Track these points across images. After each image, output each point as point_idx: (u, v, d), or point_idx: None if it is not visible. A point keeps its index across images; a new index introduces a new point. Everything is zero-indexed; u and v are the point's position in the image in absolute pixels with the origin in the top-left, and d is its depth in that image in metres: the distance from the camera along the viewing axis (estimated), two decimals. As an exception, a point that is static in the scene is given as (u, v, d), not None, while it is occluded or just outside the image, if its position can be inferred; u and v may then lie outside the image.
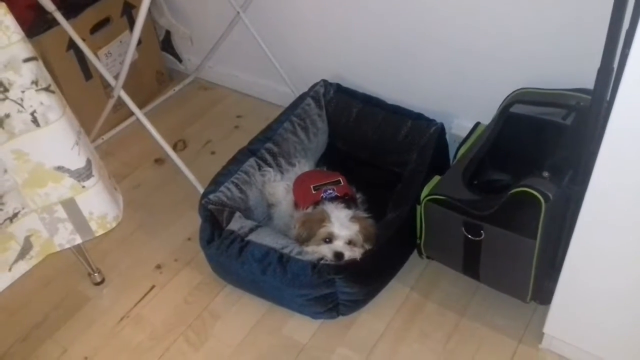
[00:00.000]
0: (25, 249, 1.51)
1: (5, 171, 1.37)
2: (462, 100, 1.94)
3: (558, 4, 1.57)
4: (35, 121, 1.31)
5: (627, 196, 1.16)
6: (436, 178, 1.65)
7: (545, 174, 1.40)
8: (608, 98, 1.19)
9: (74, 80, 2.20)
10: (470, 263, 1.59)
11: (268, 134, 1.95)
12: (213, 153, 2.30)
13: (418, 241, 1.71)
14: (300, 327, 1.67)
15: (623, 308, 1.34)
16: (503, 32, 1.71)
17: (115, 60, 2.31)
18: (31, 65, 1.26)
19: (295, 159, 1.95)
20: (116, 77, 1.95)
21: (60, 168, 1.40)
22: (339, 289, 1.58)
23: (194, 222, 1.85)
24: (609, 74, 1.16)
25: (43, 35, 2.03)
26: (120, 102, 1.99)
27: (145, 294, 1.80)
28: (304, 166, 1.92)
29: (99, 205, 1.53)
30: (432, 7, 1.80)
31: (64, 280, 1.85)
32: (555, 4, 1.58)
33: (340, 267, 1.56)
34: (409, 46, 1.93)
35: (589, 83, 1.24)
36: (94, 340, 1.69)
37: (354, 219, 1.63)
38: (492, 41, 1.75)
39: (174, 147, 2.28)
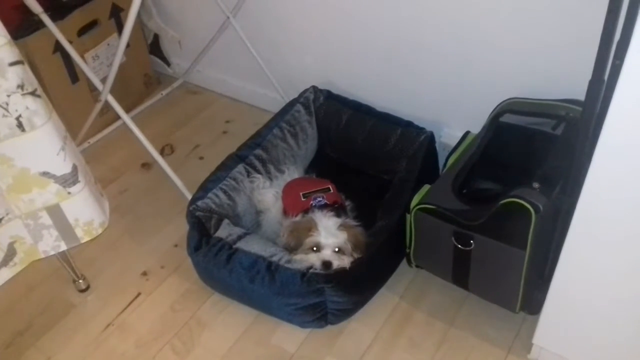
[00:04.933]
0: (9, 256, 1.48)
1: (-11, 176, 1.34)
2: (452, 109, 1.94)
3: (550, 15, 1.58)
4: (20, 126, 1.29)
5: (618, 208, 1.16)
6: (426, 187, 1.65)
7: (536, 184, 1.40)
8: (599, 109, 1.19)
9: (60, 84, 2.17)
10: (460, 273, 1.59)
11: (257, 140, 1.94)
12: (201, 158, 2.28)
13: (407, 250, 1.70)
14: (289, 336, 1.65)
15: (612, 320, 1.34)
16: (494, 41, 1.71)
17: (102, 63, 2.28)
18: (17, 69, 1.24)
19: (284, 166, 1.94)
20: (103, 81, 1.92)
21: (45, 174, 1.38)
22: (328, 298, 1.56)
23: (181, 228, 1.83)
24: (600, 86, 1.16)
25: (29, 37, 2.00)
26: (107, 106, 1.96)
27: (131, 302, 1.77)
28: (293, 173, 1.91)
29: (85, 211, 1.50)
30: (423, 16, 1.80)
31: (48, 287, 1.82)
32: (547, 15, 1.59)
33: (330, 276, 1.55)
34: (399, 54, 1.93)
35: (579, 94, 1.24)
36: (78, 348, 1.66)
37: (342, 227, 1.62)
38: (483, 50, 1.75)
39: (161, 152, 2.26)
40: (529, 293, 1.50)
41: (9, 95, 1.25)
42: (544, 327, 1.46)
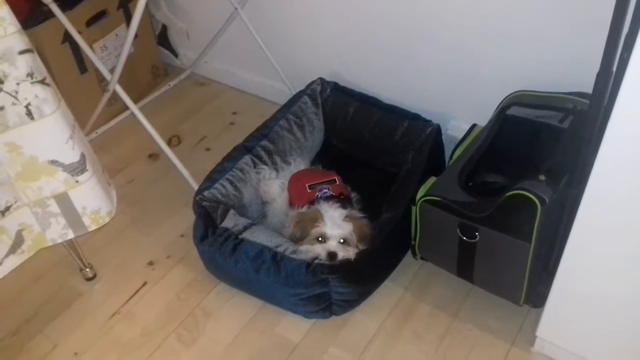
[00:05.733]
0: (17, 243, 1.50)
1: (-2, 164, 1.35)
2: (459, 102, 1.94)
3: (558, 7, 1.57)
4: (29, 114, 1.30)
5: (623, 201, 1.16)
6: (432, 179, 1.65)
7: (542, 177, 1.40)
8: (606, 102, 1.19)
9: (68, 73, 2.19)
10: (465, 265, 1.59)
11: (264, 132, 1.95)
12: (208, 149, 2.28)
13: (412, 242, 1.71)
14: (293, 327, 1.66)
15: (616, 312, 1.34)
16: (502, 34, 1.71)
17: (111, 53, 2.29)
18: (27, 57, 1.25)
19: (290, 157, 1.94)
20: (111, 71, 1.93)
21: (54, 162, 1.39)
22: (332, 289, 1.57)
23: (187, 218, 1.84)
24: (608, 78, 1.16)
25: (38, 27, 2.02)
26: (114, 96, 1.97)
27: (137, 291, 1.79)
28: (299, 164, 1.91)
29: (93, 200, 1.52)
30: (431, 8, 1.79)
31: (55, 275, 1.83)
32: (554, 8, 1.58)
33: (335, 266, 1.56)
34: (406, 46, 1.93)
35: (586, 87, 1.24)
36: (84, 336, 1.67)
37: (348, 218, 1.63)
38: (490, 43, 1.75)
39: (169, 143, 2.26)
40: (533, 286, 1.51)
41: (18, 84, 1.26)
42: (547, 319, 1.46)
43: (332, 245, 1.60)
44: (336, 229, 1.60)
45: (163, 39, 2.65)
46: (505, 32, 1.70)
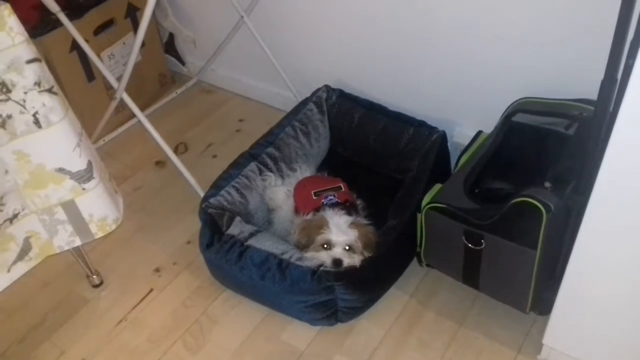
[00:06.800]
0: (25, 250, 1.51)
1: (6, 172, 1.36)
2: (465, 109, 1.94)
3: (562, 13, 1.58)
4: (37, 122, 1.31)
5: (629, 207, 1.16)
6: (437, 186, 1.65)
7: (547, 184, 1.40)
8: (611, 109, 1.19)
9: (76, 82, 2.20)
10: (470, 272, 1.58)
11: (270, 139, 1.95)
12: (214, 156, 2.29)
13: (418, 249, 1.71)
14: (299, 334, 1.66)
15: (623, 320, 1.33)
16: (507, 41, 1.71)
17: (118, 62, 2.31)
18: (34, 66, 1.26)
19: (296, 164, 1.95)
20: (119, 79, 1.95)
21: (61, 170, 1.40)
22: (338, 296, 1.57)
23: (193, 225, 1.85)
24: (612, 85, 1.16)
25: (46, 36, 2.04)
26: (122, 104, 1.98)
27: (144, 297, 1.79)
28: (305, 171, 1.92)
29: (99, 207, 1.53)
30: (436, 15, 1.80)
31: (62, 282, 1.84)
32: (559, 14, 1.58)
33: (340, 273, 1.56)
34: (412, 53, 1.93)
35: (592, 93, 1.24)
36: (91, 342, 1.68)
37: (353, 225, 1.63)
38: (495, 50, 1.75)
39: (175, 150, 2.28)
40: (540, 293, 1.50)
41: (26, 92, 1.27)
42: (554, 327, 1.46)
43: (338, 252, 1.60)
44: (341, 236, 1.60)
45: (170, 47, 2.67)
46: (510, 39, 1.70)
